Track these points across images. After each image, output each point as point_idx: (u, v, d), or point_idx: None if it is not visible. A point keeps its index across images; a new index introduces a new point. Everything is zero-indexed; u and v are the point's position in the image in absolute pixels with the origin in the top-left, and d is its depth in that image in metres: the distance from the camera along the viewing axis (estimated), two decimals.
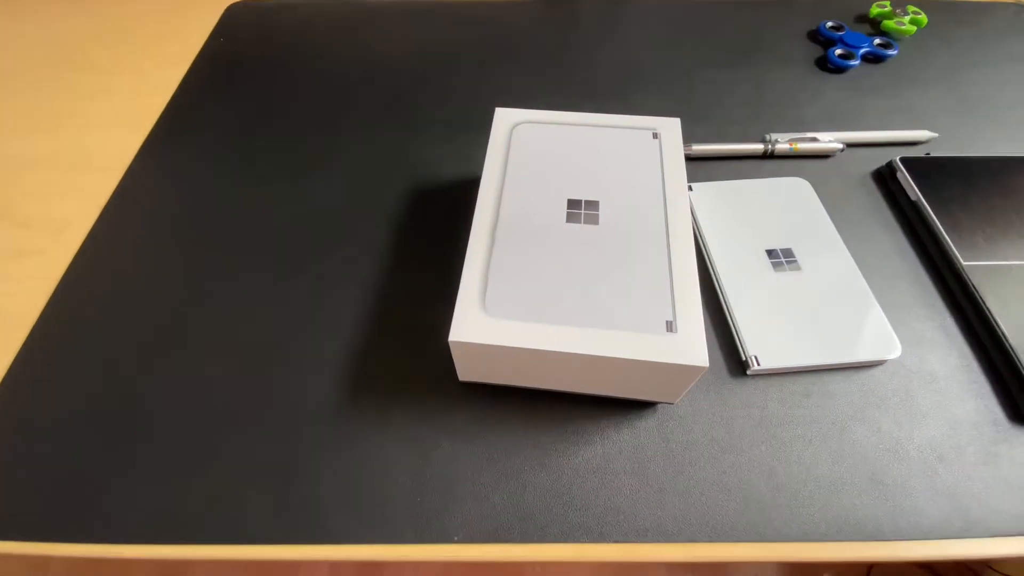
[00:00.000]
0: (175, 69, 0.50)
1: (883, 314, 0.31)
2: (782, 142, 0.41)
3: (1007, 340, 0.31)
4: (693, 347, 0.24)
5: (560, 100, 0.46)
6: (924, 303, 0.34)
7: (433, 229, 0.37)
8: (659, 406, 0.30)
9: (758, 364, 0.30)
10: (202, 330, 0.32)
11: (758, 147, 0.41)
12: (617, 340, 0.24)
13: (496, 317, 0.25)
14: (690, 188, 0.38)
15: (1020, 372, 0.30)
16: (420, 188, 0.39)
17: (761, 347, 0.30)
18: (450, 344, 0.25)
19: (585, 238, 0.28)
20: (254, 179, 0.40)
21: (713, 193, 0.37)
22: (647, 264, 0.27)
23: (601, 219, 0.29)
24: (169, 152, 0.42)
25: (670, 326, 0.25)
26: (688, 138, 0.43)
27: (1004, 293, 0.32)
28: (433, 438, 0.29)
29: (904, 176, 0.38)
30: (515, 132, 0.33)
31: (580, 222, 0.29)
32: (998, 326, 0.31)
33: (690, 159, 0.41)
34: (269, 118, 0.45)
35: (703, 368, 0.24)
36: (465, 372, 0.28)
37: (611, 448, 0.28)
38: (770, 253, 0.34)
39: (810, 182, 0.40)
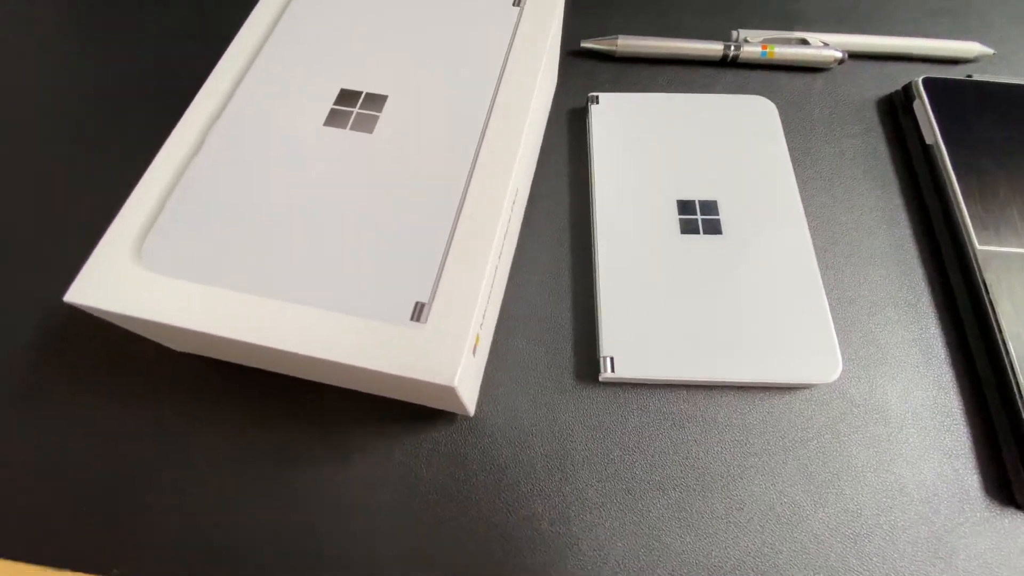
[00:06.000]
0: None
1: (828, 313, 0.21)
2: (752, 42, 0.28)
3: (1014, 371, 0.20)
4: (440, 350, 0.14)
5: None
6: (904, 300, 0.23)
7: None
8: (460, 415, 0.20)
9: (611, 370, 0.20)
10: None
11: (715, 48, 0.28)
12: (326, 328, 0.15)
13: (152, 271, 0.16)
14: (595, 100, 0.26)
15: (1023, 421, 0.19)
16: None
17: (626, 345, 0.20)
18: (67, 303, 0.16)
19: (342, 151, 0.18)
20: (36, 38, 0.30)
21: (623, 110, 0.25)
22: (422, 204, 0.17)
23: (380, 124, 0.18)
24: None
25: (418, 312, 0.15)
26: (620, 27, 0.30)
27: None
28: (132, 429, 0.20)
29: (923, 107, 0.26)
30: None
31: (346, 126, 0.18)
32: (1005, 347, 0.20)
33: (615, 59, 0.29)
34: None
35: (449, 388, 0.14)
36: (168, 341, 0.19)
37: (376, 471, 0.20)
38: (683, 206, 0.23)
39: (781, 105, 0.27)
